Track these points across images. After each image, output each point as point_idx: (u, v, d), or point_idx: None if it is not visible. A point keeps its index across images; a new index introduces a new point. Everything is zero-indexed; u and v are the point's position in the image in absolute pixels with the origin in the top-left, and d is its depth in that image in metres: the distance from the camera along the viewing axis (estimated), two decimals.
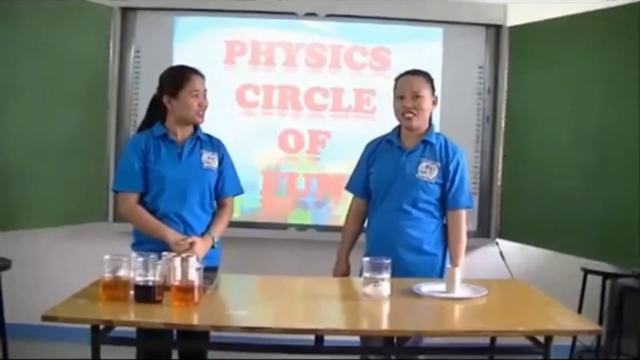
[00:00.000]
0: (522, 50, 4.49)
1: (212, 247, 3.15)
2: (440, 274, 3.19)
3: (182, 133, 3.20)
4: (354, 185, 3.43)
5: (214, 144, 3.27)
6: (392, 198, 3.23)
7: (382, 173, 3.29)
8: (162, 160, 3.16)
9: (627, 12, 3.78)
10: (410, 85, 3.21)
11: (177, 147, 3.18)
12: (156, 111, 3.23)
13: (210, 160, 3.22)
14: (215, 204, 3.27)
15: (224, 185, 3.26)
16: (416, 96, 3.20)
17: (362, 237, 3.39)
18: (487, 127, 4.64)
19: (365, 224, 3.40)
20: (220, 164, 3.25)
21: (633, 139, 3.74)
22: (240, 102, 4.64)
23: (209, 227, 3.19)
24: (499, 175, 4.59)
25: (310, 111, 4.66)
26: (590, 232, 4.00)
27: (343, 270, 3.38)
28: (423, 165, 3.22)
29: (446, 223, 3.28)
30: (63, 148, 4.25)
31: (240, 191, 3.35)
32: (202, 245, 3.08)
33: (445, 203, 3.25)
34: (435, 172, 3.22)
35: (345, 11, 4.56)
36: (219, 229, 3.20)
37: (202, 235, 3.15)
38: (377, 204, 3.29)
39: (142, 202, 3.16)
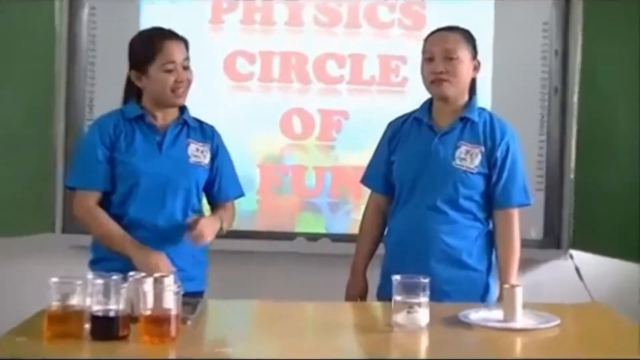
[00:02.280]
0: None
1: (220, 231, 3.18)
2: (483, 295, 3.25)
3: (163, 116, 3.23)
4: (371, 178, 3.45)
5: (206, 133, 3.31)
6: (422, 194, 3.24)
7: (408, 161, 3.29)
8: (135, 149, 3.17)
9: None
10: (441, 44, 3.22)
11: (157, 134, 3.21)
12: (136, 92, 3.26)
13: (199, 153, 3.25)
14: (203, 211, 3.34)
15: (220, 186, 3.32)
16: (449, 57, 3.20)
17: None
18: (555, 102, 4.60)
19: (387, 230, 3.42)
20: (213, 158, 3.28)
21: None
22: (230, 74, 4.65)
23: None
24: (572, 165, 4.57)
25: (321, 85, 4.65)
26: None
27: (359, 289, 3.42)
28: (462, 149, 3.23)
29: (492, 229, 3.30)
30: None
31: (240, 193, 3.42)
32: (211, 224, 3.12)
33: (492, 200, 3.26)
34: (478, 159, 3.22)
35: None
36: (227, 220, 3.26)
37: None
38: (402, 201, 3.30)
39: (106, 204, 3.18)
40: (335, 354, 2.54)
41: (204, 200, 3.38)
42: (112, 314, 2.50)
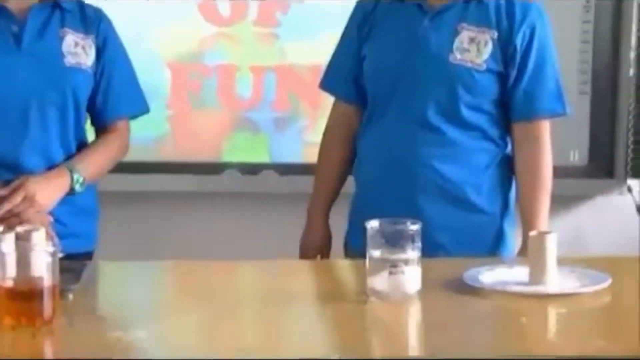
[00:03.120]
0: None
1: (71, 191, 3.02)
2: (494, 247, 3.22)
3: None
4: (335, 81, 3.44)
5: (89, 19, 3.20)
6: (405, 103, 3.20)
7: (385, 55, 3.26)
8: None
9: None
10: None
11: (13, 21, 3.08)
12: None
13: (79, 49, 3.14)
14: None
15: (108, 98, 3.21)
16: None
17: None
18: None
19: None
20: (99, 57, 3.18)
21: None
22: None
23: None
24: (632, 56, 4.42)
25: None
26: None
27: (319, 242, 3.41)
28: (464, 36, 3.14)
29: (510, 152, 3.26)
30: None
31: (140, 108, 3.35)
32: (44, 186, 2.94)
33: (510, 110, 3.21)
34: (488, 50, 3.14)
35: None
36: (90, 161, 3.11)
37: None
38: (377, 114, 3.28)
39: None
40: (281, 335, 2.43)
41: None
42: None
